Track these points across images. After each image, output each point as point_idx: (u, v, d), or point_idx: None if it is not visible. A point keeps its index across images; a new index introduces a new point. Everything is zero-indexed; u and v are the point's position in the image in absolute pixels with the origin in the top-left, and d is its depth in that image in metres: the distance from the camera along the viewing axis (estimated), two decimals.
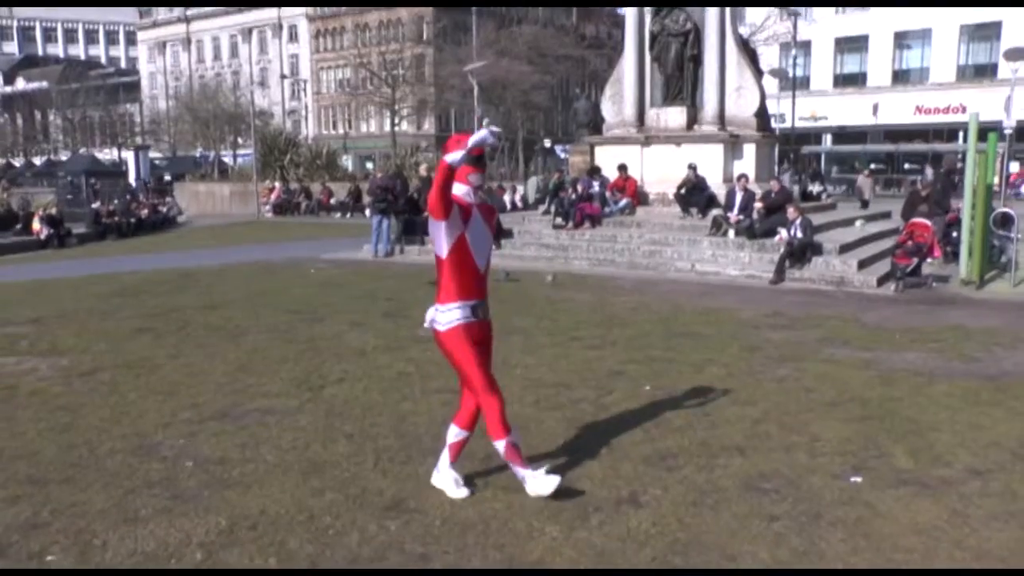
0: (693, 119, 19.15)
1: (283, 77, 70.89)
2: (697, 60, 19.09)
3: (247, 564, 3.86)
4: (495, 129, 4.66)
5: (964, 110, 47.79)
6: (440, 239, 4.47)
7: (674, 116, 19.25)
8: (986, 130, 13.85)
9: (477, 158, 4.58)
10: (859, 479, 4.82)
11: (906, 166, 43.61)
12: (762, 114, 19.23)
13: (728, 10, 18.76)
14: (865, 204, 24.88)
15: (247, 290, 12.91)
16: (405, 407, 6.39)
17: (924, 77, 50.36)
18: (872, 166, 45.22)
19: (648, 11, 19.48)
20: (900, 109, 50.02)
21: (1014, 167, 43.67)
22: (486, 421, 4.51)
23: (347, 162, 50.33)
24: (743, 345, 8.65)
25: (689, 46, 19.06)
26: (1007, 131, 35.31)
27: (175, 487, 4.82)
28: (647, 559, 3.85)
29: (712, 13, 18.55)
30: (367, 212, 29.98)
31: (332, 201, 32.04)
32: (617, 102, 20.44)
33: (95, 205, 28.03)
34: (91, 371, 7.72)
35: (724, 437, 5.56)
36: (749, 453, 5.26)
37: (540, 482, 4.46)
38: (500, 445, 4.50)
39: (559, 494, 4.43)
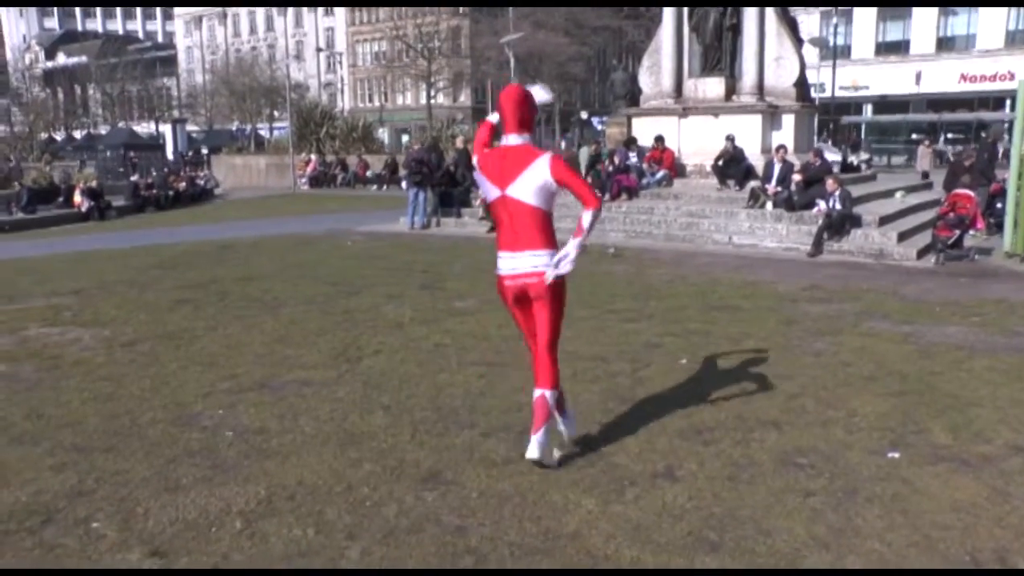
0: (731, 90, 18.88)
1: (319, 50, 70.93)
2: (736, 30, 18.77)
3: (285, 534, 3.92)
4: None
5: (1012, 77, 46.57)
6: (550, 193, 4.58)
7: (712, 87, 18.99)
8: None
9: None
10: (897, 455, 4.76)
11: (949, 136, 42.63)
12: (802, 84, 18.91)
13: None
14: (925, 176, 24.29)
15: (284, 262, 13.02)
16: (441, 379, 6.41)
17: (970, 44, 49.14)
18: (914, 136, 44.42)
19: None
20: (944, 77, 48.93)
21: None
22: (552, 370, 4.59)
23: (383, 135, 50.39)
24: (780, 319, 8.56)
25: (728, 16, 18.74)
26: None
27: (215, 457, 4.89)
28: (683, 533, 3.84)
29: None
30: (403, 184, 30.19)
31: (368, 174, 32.16)
32: (655, 73, 20.21)
33: (134, 178, 28.36)
34: (132, 342, 7.84)
35: (760, 411, 5.51)
36: (785, 428, 5.22)
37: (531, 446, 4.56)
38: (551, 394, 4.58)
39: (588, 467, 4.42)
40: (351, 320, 8.66)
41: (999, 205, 14.15)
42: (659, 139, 18.57)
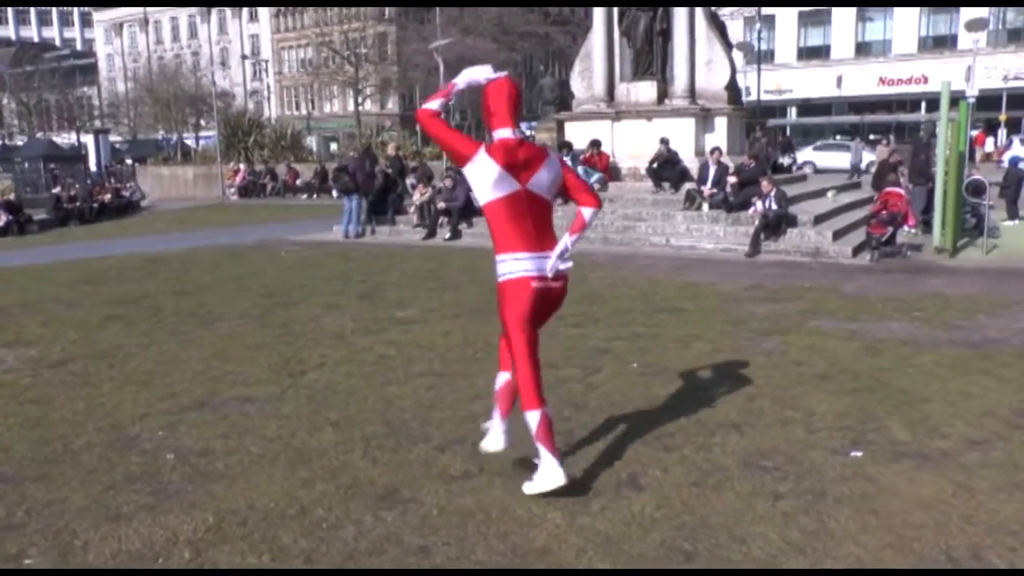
0: (664, 93, 19.01)
1: (244, 58, 69.69)
2: (666, 34, 18.91)
3: (239, 563, 3.69)
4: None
5: (926, 80, 48.38)
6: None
7: (645, 90, 19.10)
8: (955, 99, 13.81)
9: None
10: (859, 453, 4.74)
11: (871, 136, 43.82)
12: (732, 87, 19.16)
13: None
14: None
15: (218, 275, 12.64)
16: (390, 392, 6.22)
17: (886, 49, 50.76)
18: (837, 137, 45.54)
19: None
20: (863, 80, 50.44)
21: (973, 134, 44.24)
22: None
23: (311, 143, 49.64)
24: (727, 319, 8.57)
25: (658, 20, 18.86)
26: (969, 100, 35.60)
27: (157, 482, 4.63)
28: (655, 544, 3.73)
29: None
30: (334, 193, 29.77)
31: (298, 182, 31.64)
32: (587, 77, 20.24)
33: (55, 191, 27.40)
34: (61, 362, 7.47)
35: (719, 414, 5.46)
36: (745, 430, 5.17)
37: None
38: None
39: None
40: (291, 332, 8.40)
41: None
42: (595, 143, 18.58)
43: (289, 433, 5.34)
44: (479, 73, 4.34)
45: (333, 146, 60.11)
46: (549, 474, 4.16)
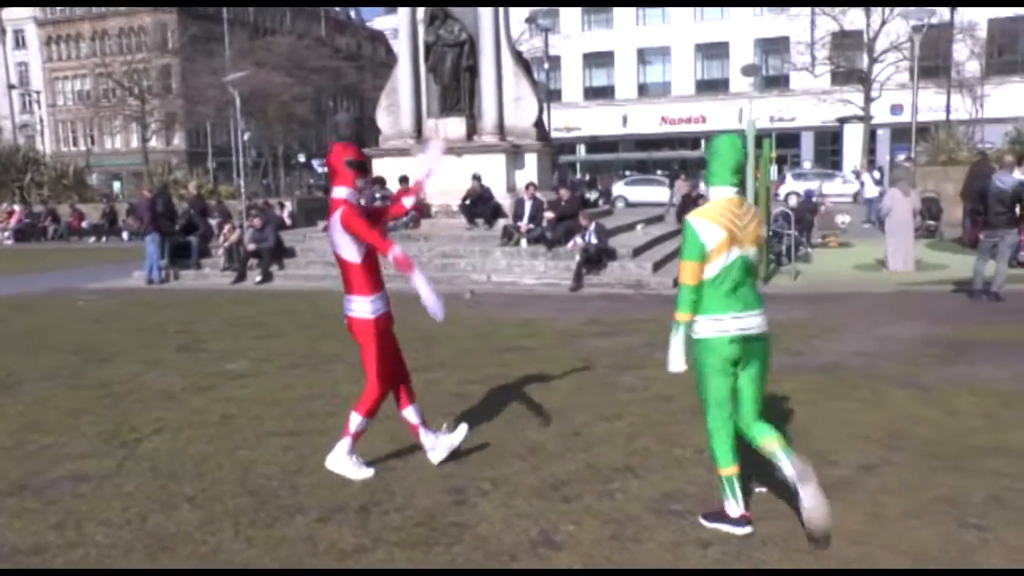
0: (473, 129, 19.10)
1: (11, 87, 64.25)
2: (473, 71, 19.05)
3: None
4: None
5: (704, 120, 51.90)
6: (356, 247, 4.89)
7: (453, 127, 19.08)
8: (760, 137, 14.72)
9: (361, 163, 5.05)
10: (763, 489, 4.73)
11: (658, 172, 46.33)
12: (540, 124, 19.56)
13: (503, 21, 18.92)
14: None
15: (6, 330, 11.29)
16: (243, 456, 5.65)
17: (667, 90, 53.99)
18: (627, 173, 47.74)
19: (421, 21, 19.25)
20: (647, 119, 53.43)
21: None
22: (366, 401, 5.07)
23: (93, 181, 46.27)
24: (574, 356, 8.53)
25: (465, 56, 18.99)
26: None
27: None
28: None
29: (487, 24, 18.58)
30: (124, 235, 27.81)
31: (84, 224, 29.30)
32: (393, 112, 20.03)
33: None
34: None
35: (607, 457, 5.33)
36: (642, 473, 5.06)
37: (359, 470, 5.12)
38: (362, 421, 5.09)
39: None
40: (111, 394, 7.55)
41: None
42: (403, 179, 18.34)
43: (139, 516, 4.69)
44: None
45: (117, 185, 56.51)
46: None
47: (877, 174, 28.61)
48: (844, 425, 5.89)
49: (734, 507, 4.19)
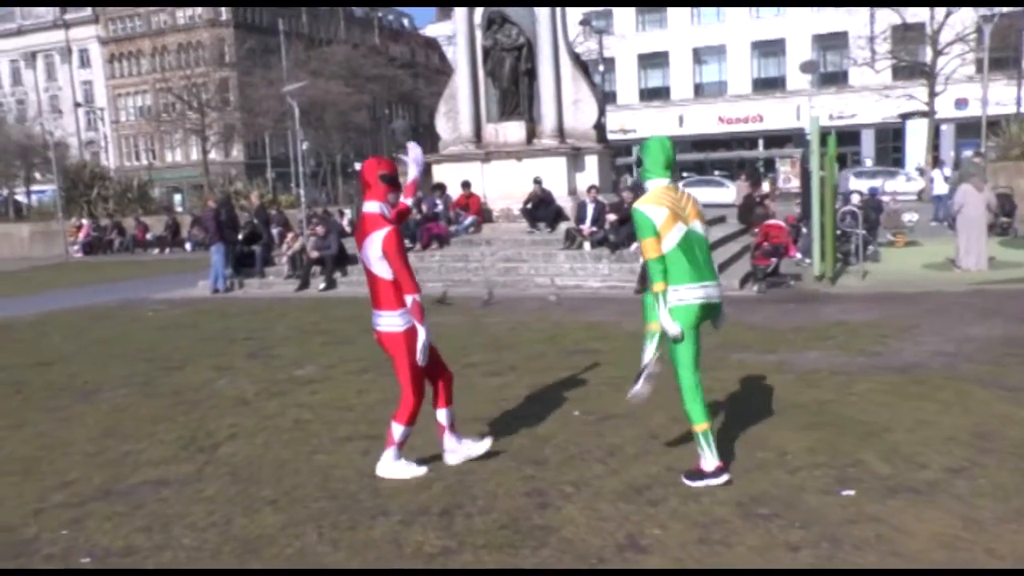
0: (532, 133, 18.99)
1: (77, 105, 66.02)
2: (532, 74, 18.94)
3: None
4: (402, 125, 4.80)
5: (761, 119, 51.19)
6: (387, 265, 4.96)
7: (513, 131, 19.03)
8: (824, 134, 14.41)
9: (393, 177, 5.08)
10: (851, 492, 4.58)
11: (716, 173, 45.78)
12: (600, 126, 19.39)
13: (560, 23, 18.79)
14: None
15: (82, 340, 11.53)
16: (321, 461, 5.65)
17: (723, 90, 53.31)
18: (684, 174, 47.25)
19: (479, 26, 19.22)
20: (704, 120, 52.77)
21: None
22: (404, 410, 5.12)
23: (155, 194, 47.31)
24: None
25: (523, 60, 18.89)
26: (808, 137, 37.91)
27: None
28: None
29: (544, 27, 18.49)
30: (187, 246, 28.32)
31: (148, 236, 29.92)
32: (452, 118, 20.02)
33: None
34: None
35: (688, 460, 5.19)
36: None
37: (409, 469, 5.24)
38: (404, 430, 5.17)
39: None
40: (185, 401, 7.64)
41: (804, 231, 14.98)
42: (466, 184, 18.38)
43: (223, 519, 4.71)
44: (414, 151, 5.27)
45: (178, 197, 57.72)
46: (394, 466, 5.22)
47: (948, 170, 27.79)
48: (927, 427, 5.68)
49: (710, 460, 4.78)
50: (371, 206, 5.01)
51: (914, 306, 10.96)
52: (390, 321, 5.03)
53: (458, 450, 5.38)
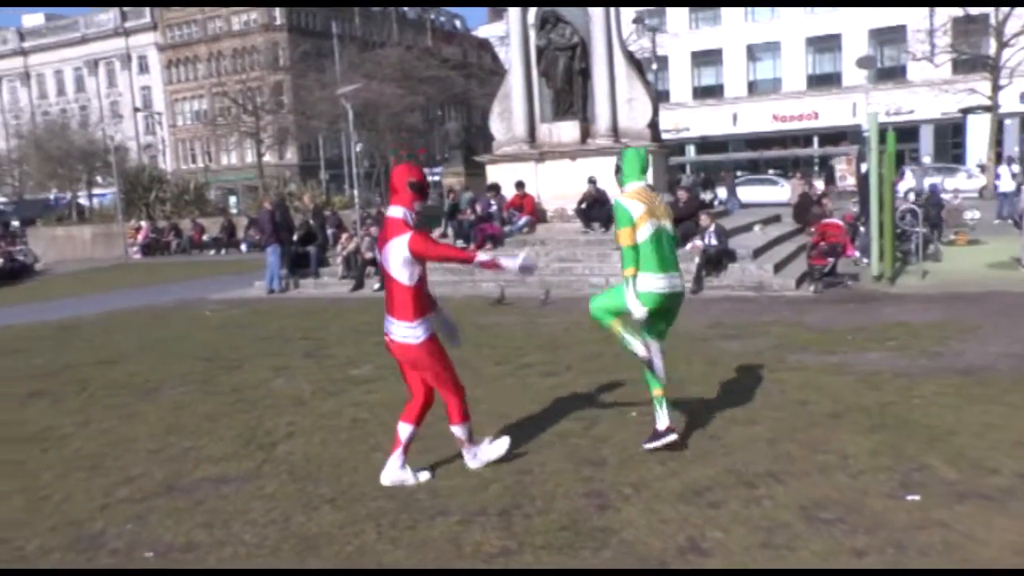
0: (586, 132, 18.90)
1: (136, 110, 67.55)
2: (586, 73, 18.85)
3: None
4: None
5: (816, 116, 50.33)
6: (410, 271, 4.97)
7: (567, 130, 18.96)
8: (883, 131, 14.08)
9: (421, 185, 5.12)
10: (916, 497, 4.45)
11: (770, 171, 45.15)
12: (654, 125, 19.23)
13: (614, 22, 18.67)
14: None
15: (142, 340, 11.75)
16: (379, 460, 5.61)
17: (777, 87, 52.52)
18: (739, 173, 46.71)
19: (532, 26, 19.17)
20: (758, 118, 52.02)
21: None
22: (453, 411, 5.20)
23: (211, 196, 48.13)
24: (703, 359, 8.29)
25: (577, 59, 18.80)
26: (865, 134, 37.14)
27: None
28: None
29: (598, 26, 18.39)
30: (242, 247, 28.72)
31: (204, 238, 30.41)
32: (506, 119, 19.99)
33: None
34: None
35: (749, 463, 5.11)
36: (786, 479, 4.82)
37: (492, 448, 5.35)
38: (463, 428, 5.25)
39: None
40: (244, 399, 7.72)
41: (862, 230, 14.68)
42: (520, 185, 18.35)
43: (282, 516, 4.74)
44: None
45: (232, 199, 58.59)
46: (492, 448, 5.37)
47: (1016, 167, 26.95)
48: (995, 431, 5.49)
49: (663, 420, 5.49)
50: (395, 211, 5.03)
51: (977, 307, 10.64)
52: (404, 332, 4.99)
53: (393, 469, 5.20)
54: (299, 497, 5.03)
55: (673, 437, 5.39)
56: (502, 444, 5.37)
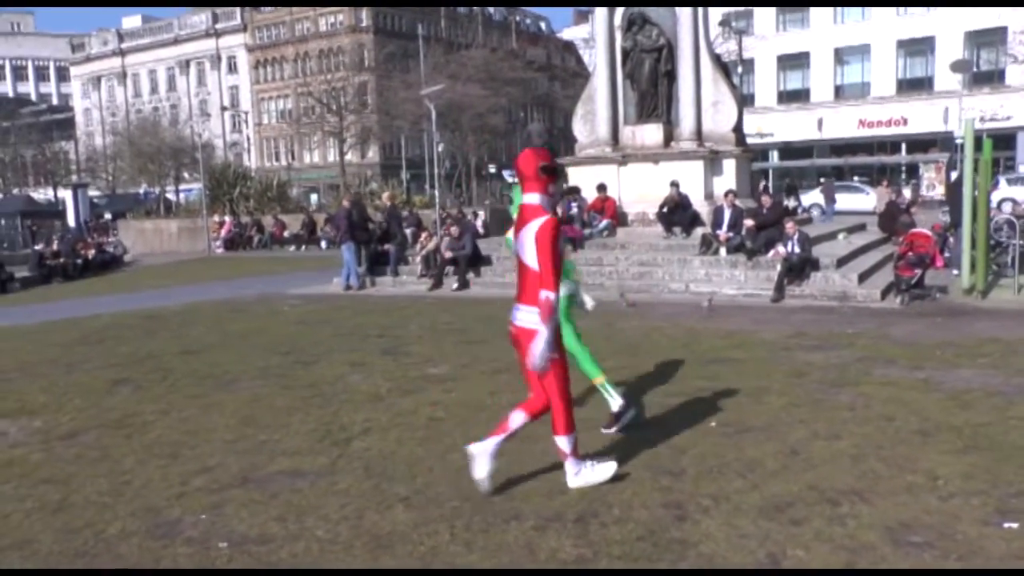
0: (670, 136, 18.63)
1: (224, 109, 69.37)
2: (671, 76, 18.59)
3: None
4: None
5: (905, 122, 48.78)
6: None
7: (650, 133, 18.71)
8: (979, 138, 13.55)
9: (554, 168, 4.86)
10: (1015, 525, 4.19)
11: (855, 179, 43.96)
12: (739, 129, 18.85)
13: (702, 24, 18.35)
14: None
15: (223, 331, 11.97)
16: (455, 460, 5.57)
17: (866, 91, 51.09)
18: (822, 179, 45.59)
19: (618, 28, 18.99)
20: (844, 123, 50.71)
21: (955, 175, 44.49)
22: (558, 420, 4.88)
23: (293, 193, 49.10)
24: (786, 370, 8.03)
25: (663, 62, 18.56)
26: (959, 141, 35.81)
27: None
28: None
29: (686, 27, 18.11)
30: (322, 244, 29.16)
31: (286, 234, 30.98)
32: (589, 121, 19.84)
33: (38, 247, 26.58)
34: (71, 433, 6.79)
35: (831, 479, 4.89)
36: (871, 498, 4.60)
37: (597, 472, 4.99)
38: (568, 439, 4.91)
39: None
40: (320, 394, 7.76)
41: (951, 240, 14.13)
42: (601, 187, 18.20)
43: (355, 513, 4.71)
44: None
45: (314, 197, 59.70)
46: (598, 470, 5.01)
47: None
48: None
49: (616, 403, 6.03)
50: (531, 198, 4.76)
51: None
52: (531, 317, 4.72)
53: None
54: (373, 495, 5.00)
55: (632, 412, 6.05)
56: (608, 468, 5.00)
